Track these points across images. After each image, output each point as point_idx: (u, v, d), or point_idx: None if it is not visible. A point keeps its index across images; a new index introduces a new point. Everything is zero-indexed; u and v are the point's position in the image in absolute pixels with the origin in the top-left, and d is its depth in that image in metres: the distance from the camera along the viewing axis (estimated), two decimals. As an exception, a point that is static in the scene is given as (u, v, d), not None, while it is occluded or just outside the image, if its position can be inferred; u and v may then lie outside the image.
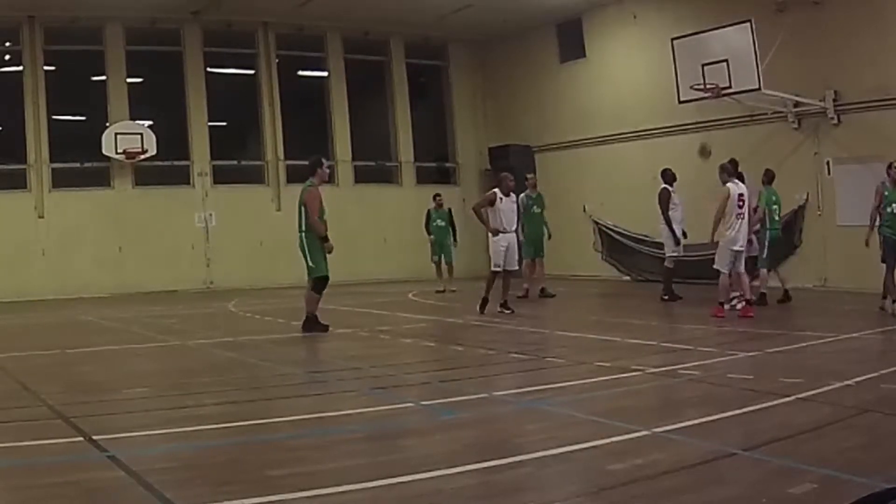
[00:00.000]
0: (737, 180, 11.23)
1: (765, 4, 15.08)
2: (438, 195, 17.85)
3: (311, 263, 10.37)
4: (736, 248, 10.91)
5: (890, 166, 10.86)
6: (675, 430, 5.16)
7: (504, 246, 12.44)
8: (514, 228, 12.77)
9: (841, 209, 14.82)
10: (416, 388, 7.03)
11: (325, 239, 10.31)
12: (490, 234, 12.56)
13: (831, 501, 3.85)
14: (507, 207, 12.59)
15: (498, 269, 12.47)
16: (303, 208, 10.41)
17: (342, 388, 6.99)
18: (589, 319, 12.89)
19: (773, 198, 12.68)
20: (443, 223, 17.27)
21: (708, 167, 14.49)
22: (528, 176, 15.91)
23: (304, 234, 10.40)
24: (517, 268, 13.15)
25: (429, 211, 17.48)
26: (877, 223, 10.82)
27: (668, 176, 13.94)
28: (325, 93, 21.52)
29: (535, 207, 15.30)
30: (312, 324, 10.49)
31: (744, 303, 11.01)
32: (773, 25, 14.58)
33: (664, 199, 13.63)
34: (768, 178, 12.79)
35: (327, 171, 10.90)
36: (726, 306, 11.03)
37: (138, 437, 5.33)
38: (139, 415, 6.24)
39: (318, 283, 10.42)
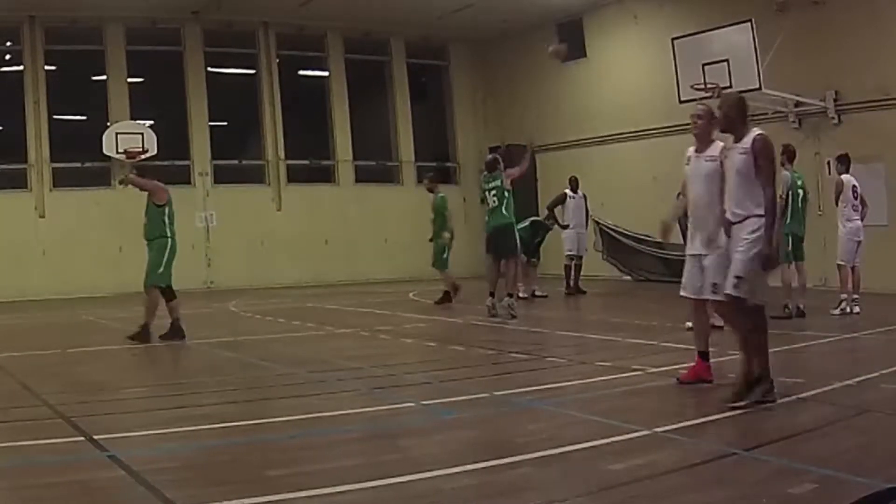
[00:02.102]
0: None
1: (765, 4, 15.06)
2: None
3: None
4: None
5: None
6: (675, 430, 5.17)
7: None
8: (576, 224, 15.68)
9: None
10: (417, 388, 7.02)
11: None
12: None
13: (831, 501, 3.85)
14: (574, 205, 15.69)
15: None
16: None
17: (342, 388, 6.98)
18: (589, 319, 12.89)
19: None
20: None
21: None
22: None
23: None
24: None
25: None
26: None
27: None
28: (325, 92, 21.53)
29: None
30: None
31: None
32: (774, 25, 14.58)
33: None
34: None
35: None
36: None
37: (138, 436, 5.34)
38: (139, 414, 6.25)
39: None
